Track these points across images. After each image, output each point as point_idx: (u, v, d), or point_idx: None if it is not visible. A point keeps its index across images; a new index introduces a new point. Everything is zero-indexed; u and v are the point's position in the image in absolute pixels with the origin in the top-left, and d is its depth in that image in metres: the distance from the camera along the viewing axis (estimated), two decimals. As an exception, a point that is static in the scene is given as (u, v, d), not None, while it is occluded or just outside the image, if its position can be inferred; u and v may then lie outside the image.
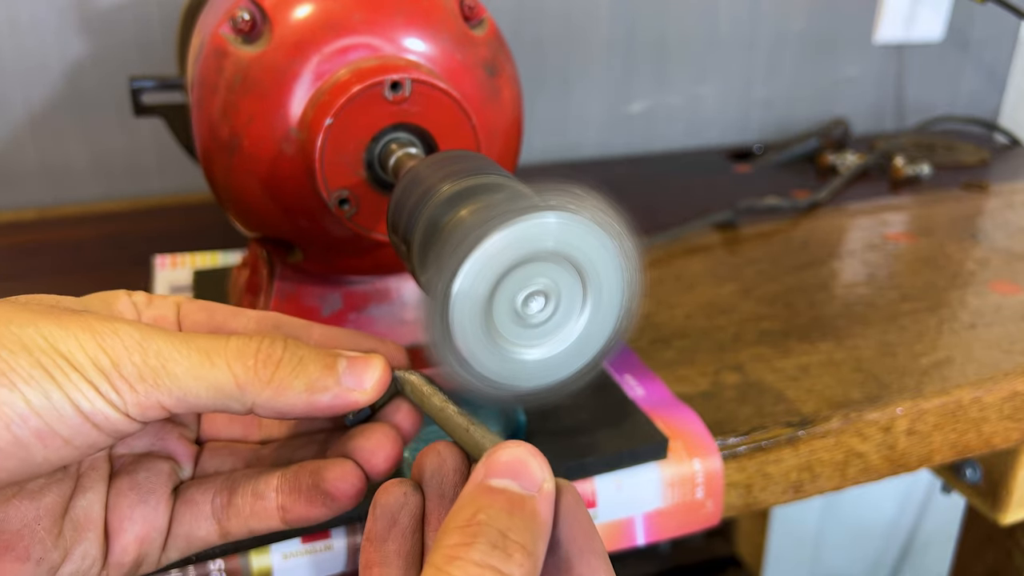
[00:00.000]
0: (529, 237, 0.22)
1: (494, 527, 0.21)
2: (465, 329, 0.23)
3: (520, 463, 0.22)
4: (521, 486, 0.22)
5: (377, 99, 0.32)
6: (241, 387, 0.24)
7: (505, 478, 0.22)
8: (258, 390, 0.24)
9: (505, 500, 0.22)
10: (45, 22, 0.70)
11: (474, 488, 0.22)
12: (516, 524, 0.21)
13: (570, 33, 0.87)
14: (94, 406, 0.22)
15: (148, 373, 0.23)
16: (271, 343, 0.25)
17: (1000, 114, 1.13)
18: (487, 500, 0.22)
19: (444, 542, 0.21)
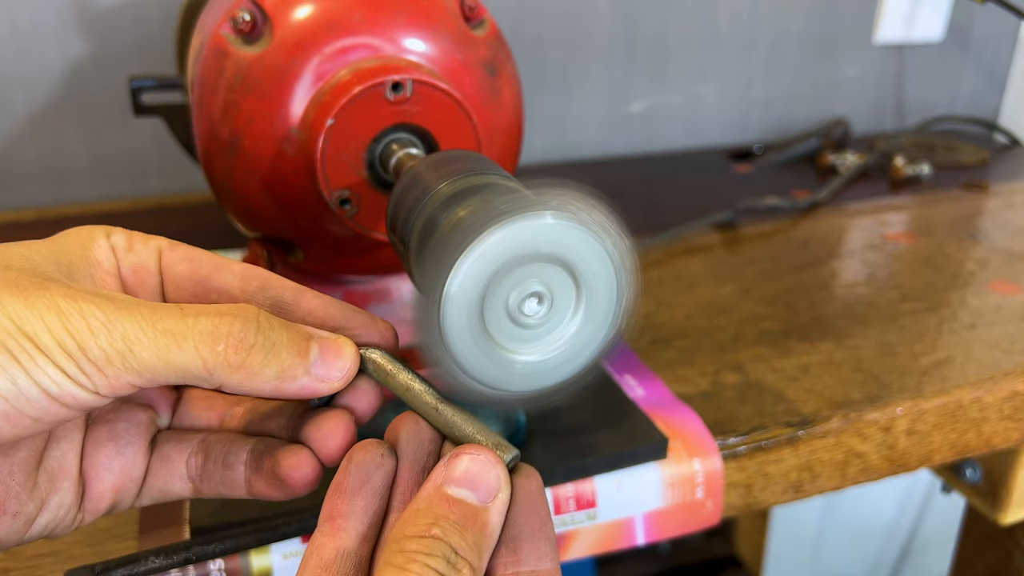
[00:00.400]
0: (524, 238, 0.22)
1: (448, 543, 0.22)
2: (459, 330, 0.23)
3: (479, 474, 0.24)
4: (477, 497, 0.23)
5: (378, 99, 0.32)
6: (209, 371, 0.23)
7: (462, 488, 0.23)
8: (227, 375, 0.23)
9: (459, 514, 0.23)
10: (45, 23, 0.70)
11: (433, 493, 0.23)
12: (466, 541, 0.22)
13: (570, 33, 0.87)
14: (62, 388, 0.22)
15: (115, 356, 0.22)
16: (244, 325, 0.24)
17: (1000, 114, 1.13)
18: (444, 510, 0.23)
19: (405, 547, 0.22)
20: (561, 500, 0.39)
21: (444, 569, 0.21)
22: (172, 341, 0.23)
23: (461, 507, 0.23)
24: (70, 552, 0.35)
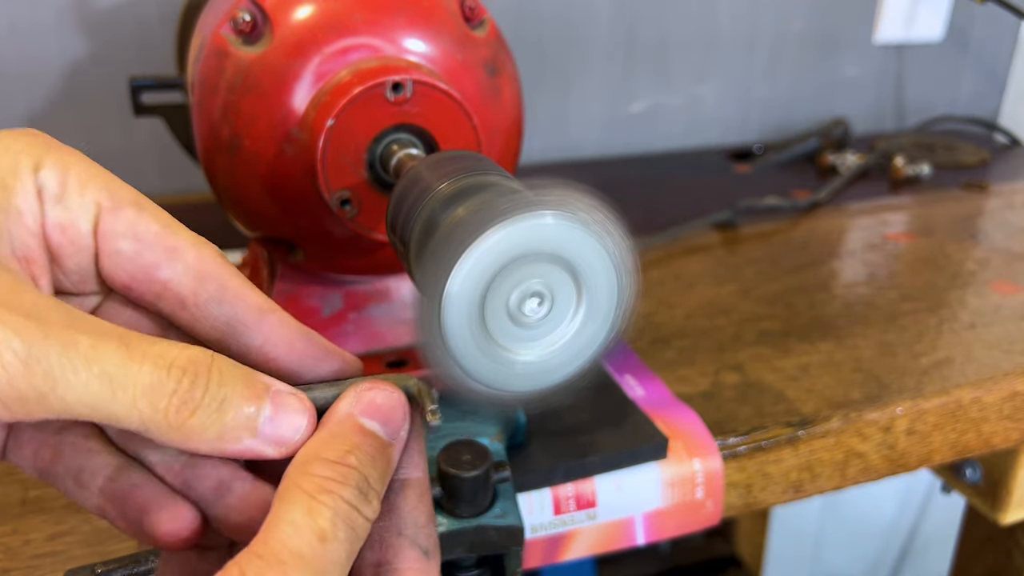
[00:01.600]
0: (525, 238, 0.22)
1: (361, 473, 0.21)
2: (459, 330, 0.23)
3: (390, 409, 0.23)
4: (385, 432, 0.23)
5: (378, 100, 0.32)
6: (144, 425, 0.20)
7: (375, 420, 0.23)
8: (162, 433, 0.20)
9: (372, 445, 0.22)
10: (45, 22, 0.70)
11: (346, 420, 0.22)
12: (376, 472, 0.22)
13: (570, 33, 0.87)
14: None
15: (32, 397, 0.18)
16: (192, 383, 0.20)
17: (1000, 114, 1.13)
18: (358, 440, 0.22)
19: (315, 471, 0.21)
20: (561, 500, 0.39)
21: (356, 500, 0.21)
22: (108, 389, 0.19)
23: (373, 439, 0.22)
24: (70, 552, 0.35)
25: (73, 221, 0.22)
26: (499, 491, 0.34)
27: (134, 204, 0.23)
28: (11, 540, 0.36)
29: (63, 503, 0.38)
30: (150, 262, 0.23)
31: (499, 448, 0.36)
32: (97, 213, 0.22)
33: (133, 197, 0.23)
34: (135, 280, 0.23)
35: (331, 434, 0.22)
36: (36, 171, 0.22)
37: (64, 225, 0.22)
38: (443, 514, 0.33)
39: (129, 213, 0.23)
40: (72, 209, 0.22)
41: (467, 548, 0.33)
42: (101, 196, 0.22)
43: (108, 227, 0.22)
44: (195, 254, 0.23)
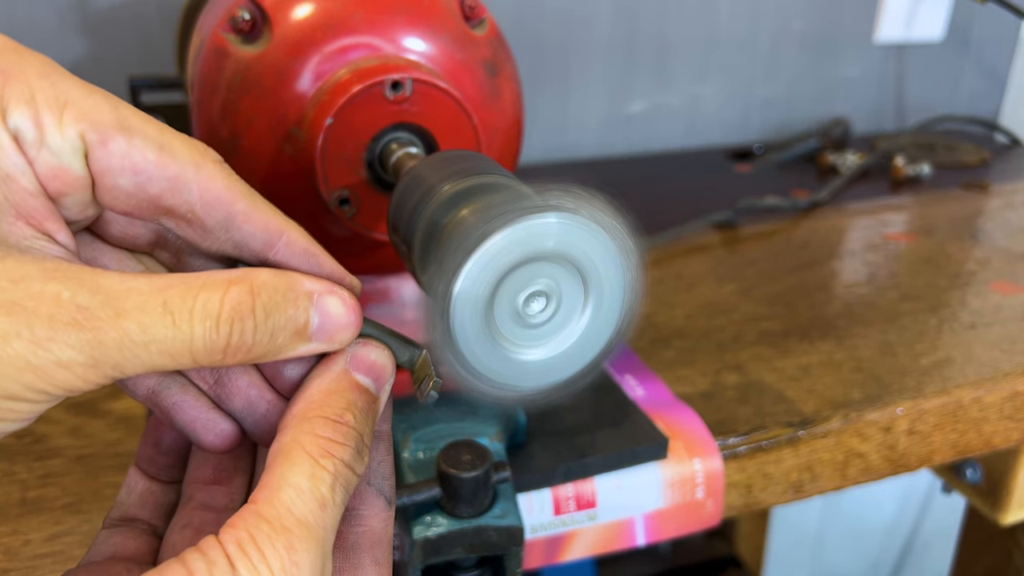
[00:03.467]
0: (530, 238, 0.22)
1: (358, 431, 0.22)
2: (466, 329, 0.23)
3: (381, 366, 0.24)
4: (375, 387, 0.24)
5: (378, 99, 0.32)
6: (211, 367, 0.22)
7: (368, 376, 0.24)
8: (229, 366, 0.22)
9: (365, 401, 0.23)
10: (45, 22, 0.70)
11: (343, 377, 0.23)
12: (368, 427, 0.23)
13: (570, 33, 0.87)
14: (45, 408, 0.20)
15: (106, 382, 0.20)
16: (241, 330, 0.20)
17: (1000, 114, 1.13)
18: (354, 396, 0.23)
19: (317, 430, 0.22)
20: (561, 500, 0.39)
21: (352, 460, 0.22)
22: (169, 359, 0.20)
23: (365, 395, 0.24)
24: (70, 552, 0.35)
25: (63, 166, 0.20)
26: (499, 491, 0.34)
27: (121, 128, 0.21)
28: (11, 540, 0.35)
29: (63, 503, 0.38)
30: (153, 194, 0.21)
31: (499, 448, 0.36)
32: (85, 148, 0.21)
33: (116, 117, 0.21)
34: (139, 208, 0.22)
35: (329, 389, 0.23)
36: (4, 118, 0.20)
37: (55, 172, 0.20)
38: (443, 514, 0.33)
39: (120, 142, 0.21)
40: (57, 152, 0.20)
41: (467, 548, 0.33)
42: (83, 127, 0.20)
43: (102, 163, 0.21)
44: (199, 182, 0.22)
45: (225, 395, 0.25)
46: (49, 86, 0.21)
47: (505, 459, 0.35)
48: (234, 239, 0.23)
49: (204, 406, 0.25)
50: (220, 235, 0.23)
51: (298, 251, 0.24)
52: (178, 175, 0.22)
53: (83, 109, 0.21)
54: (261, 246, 0.23)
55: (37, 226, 0.21)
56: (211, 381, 0.25)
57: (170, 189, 0.22)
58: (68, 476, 0.39)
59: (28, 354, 0.18)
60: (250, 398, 0.25)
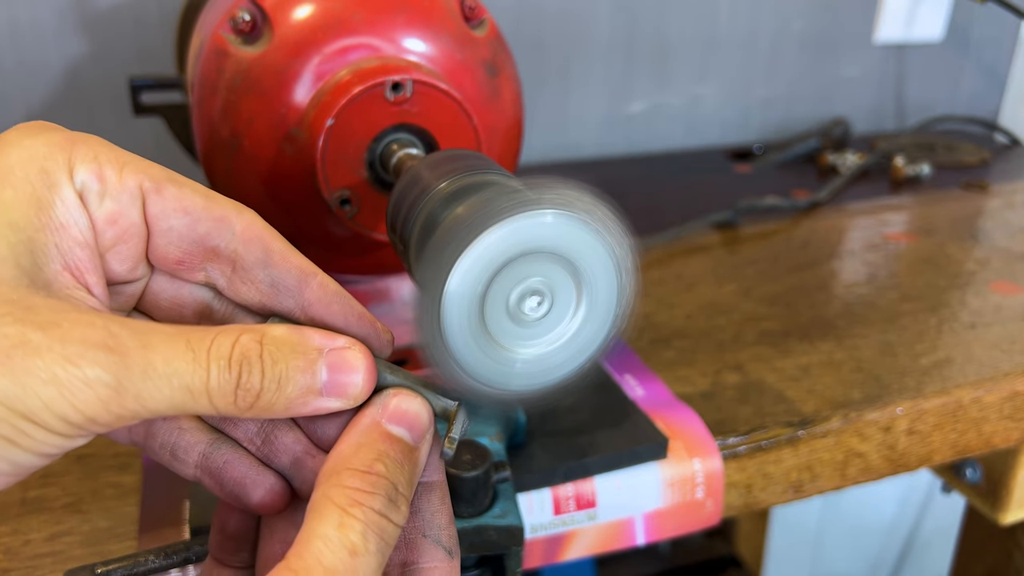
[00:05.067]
0: (524, 235, 0.22)
1: (390, 480, 0.22)
2: (458, 328, 0.23)
3: (416, 414, 0.24)
4: (411, 436, 0.24)
5: (378, 100, 0.32)
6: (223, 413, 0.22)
7: (401, 427, 0.24)
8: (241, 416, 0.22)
9: (399, 451, 0.23)
10: (45, 22, 0.70)
11: (372, 428, 0.23)
12: (404, 477, 0.23)
13: (570, 33, 0.87)
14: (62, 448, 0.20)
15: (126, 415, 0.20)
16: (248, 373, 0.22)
17: (1000, 114, 1.13)
18: (385, 447, 0.23)
19: (345, 482, 0.22)
20: (561, 500, 0.39)
21: (386, 508, 0.22)
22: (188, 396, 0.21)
23: (400, 445, 0.23)
24: (70, 552, 0.35)
25: (122, 211, 0.23)
26: (499, 491, 0.34)
27: (171, 181, 0.24)
28: (11, 540, 0.36)
29: (63, 503, 0.38)
30: (202, 233, 0.24)
31: (499, 448, 0.36)
32: (142, 197, 0.23)
33: (166, 174, 0.24)
34: (187, 254, 0.24)
35: (358, 443, 0.23)
36: (72, 175, 0.22)
37: (114, 217, 0.23)
38: (443, 514, 0.33)
39: (171, 190, 0.24)
40: (118, 200, 0.23)
41: (467, 548, 0.33)
42: (140, 179, 0.23)
43: (156, 208, 0.23)
44: (241, 221, 0.24)
45: (272, 453, 0.26)
46: (109, 150, 0.23)
47: (505, 459, 0.35)
48: (271, 276, 0.25)
49: (252, 464, 0.26)
50: (258, 273, 0.25)
51: (330, 292, 0.25)
52: (223, 215, 0.24)
53: (140, 167, 0.23)
54: (296, 283, 0.25)
55: (79, 277, 0.22)
56: (258, 442, 0.26)
57: (216, 228, 0.24)
58: (68, 476, 0.39)
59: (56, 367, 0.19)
60: (296, 455, 0.26)
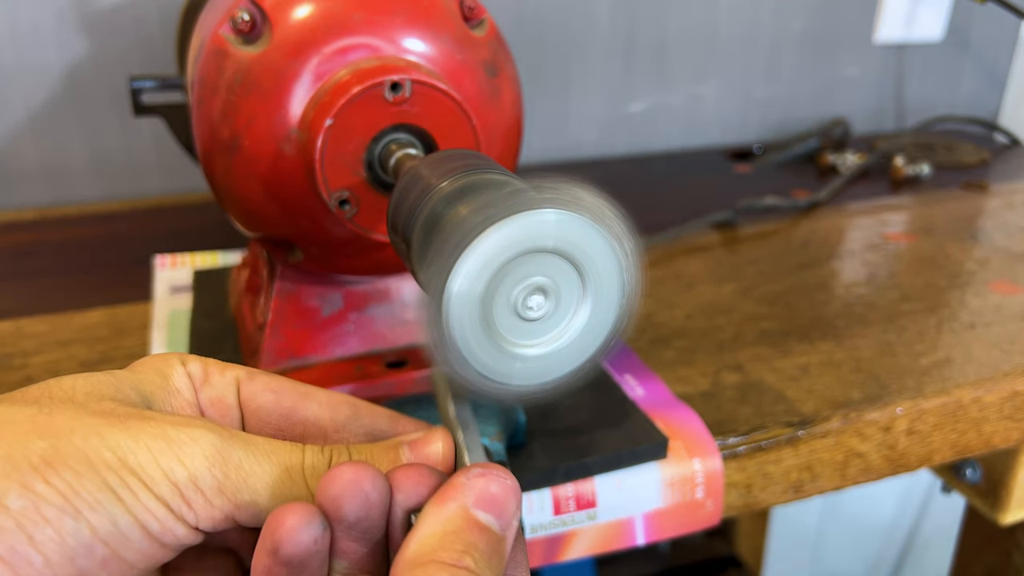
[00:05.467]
0: (528, 234, 0.22)
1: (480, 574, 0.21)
2: (463, 327, 0.23)
3: (505, 500, 0.22)
4: (499, 525, 0.22)
5: (377, 100, 0.32)
6: None
7: (489, 513, 0.22)
8: None
9: (487, 542, 0.21)
10: (45, 22, 0.70)
11: (460, 515, 0.22)
12: (494, 570, 0.21)
13: (570, 33, 0.87)
14: (163, 526, 0.20)
15: (228, 487, 0.21)
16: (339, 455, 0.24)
17: (1000, 114, 1.13)
18: (474, 538, 0.21)
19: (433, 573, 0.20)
20: (561, 500, 0.39)
21: None
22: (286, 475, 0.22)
23: (488, 535, 0.21)
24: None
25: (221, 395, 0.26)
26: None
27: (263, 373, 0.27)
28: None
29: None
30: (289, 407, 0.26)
31: (499, 448, 0.36)
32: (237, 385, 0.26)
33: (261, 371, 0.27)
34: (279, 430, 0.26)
35: (444, 531, 0.21)
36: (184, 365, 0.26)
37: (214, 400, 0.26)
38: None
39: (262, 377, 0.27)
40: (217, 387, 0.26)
41: (467, 548, 0.33)
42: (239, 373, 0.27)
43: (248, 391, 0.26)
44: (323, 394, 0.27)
45: None
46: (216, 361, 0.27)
47: (505, 459, 0.35)
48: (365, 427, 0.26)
49: None
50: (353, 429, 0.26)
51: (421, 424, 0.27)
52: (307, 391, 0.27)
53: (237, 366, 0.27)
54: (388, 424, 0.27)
55: None
56: None
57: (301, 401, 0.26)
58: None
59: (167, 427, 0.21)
60: None
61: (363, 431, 0.26)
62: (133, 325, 0.53)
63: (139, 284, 0.58)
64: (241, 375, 0.26)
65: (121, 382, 0.24)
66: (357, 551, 0.23)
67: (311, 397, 0.26)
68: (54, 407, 0.21)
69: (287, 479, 0.22)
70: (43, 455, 0.19)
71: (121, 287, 0.58)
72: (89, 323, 0.53)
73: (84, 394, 0.22)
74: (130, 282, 0.58)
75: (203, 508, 0.21)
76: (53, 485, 0.19)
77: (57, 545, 0.19)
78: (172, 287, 0.57)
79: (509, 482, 0.23)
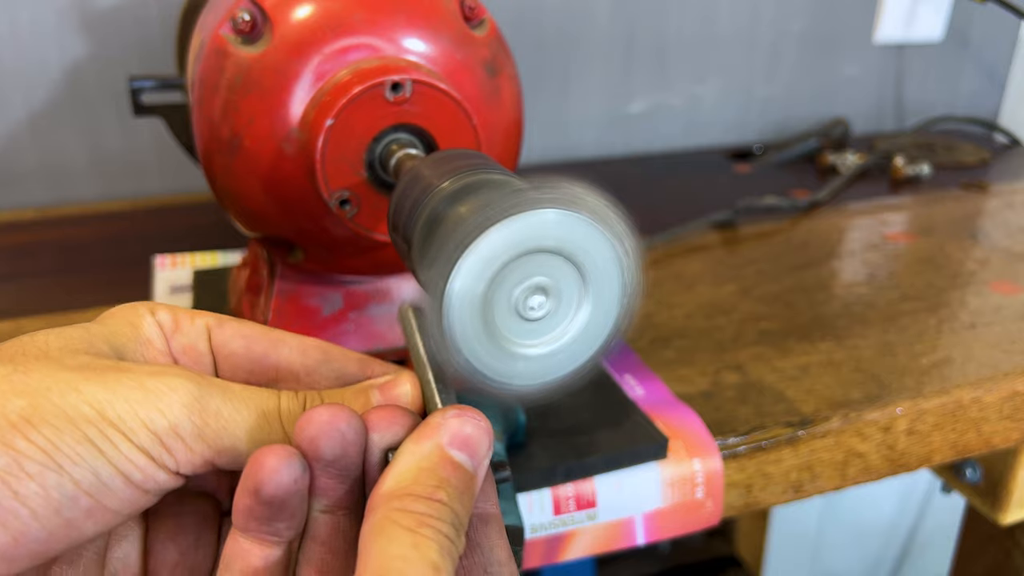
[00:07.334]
0: (528, 233, 0.22)
1: (453, 508, 0.22)
2: (464, 326, 0.23)
3: (477, 440, 0.23)
4: (471, 464, 0.23)
5: (378, 100, 0.32)
6: None
7: (463, 452, 0.23)
8: None
9: (460, 478, 0.22)
10: (45, 22, 0.70)
11: (435, 452, 0.22)
12: (464, 506, 0.22)
13: (570, 33, 0.87)
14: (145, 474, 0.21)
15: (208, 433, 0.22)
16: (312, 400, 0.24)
17: (1000, 114, 1.13)
18: (447, 474, 0.22)
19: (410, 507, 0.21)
20: (561, 500, 0.39)
21: (453, 535, 0.21)
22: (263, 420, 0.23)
23: (460, 472, 0.22)
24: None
25: (192, 343, 0.26)
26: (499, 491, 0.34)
27: (232, 319, 0.27)
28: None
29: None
30: (260, 352, 0.27)
31: (499, 448, 0.36)
32: (208, 331, 0.27)
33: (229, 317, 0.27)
34: (251, 374, 0.27)
35: (420, 468, 0.22)
36: (153, 313, 0.26)
37: (186, 347, 0.26)
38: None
39: (231, 323, 0.27)
40: (188, 334, 0.26)
41: (467, 548, 0.33)
42: (208, 320, 0.27)
43: (219, 338, 0.27)
44: (293, 338, 0.27)
45: None
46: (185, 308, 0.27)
47: (505, 459, 0.35)
48: (336, 371, 0.27)
49: None
50: (324, 372, 0.27)
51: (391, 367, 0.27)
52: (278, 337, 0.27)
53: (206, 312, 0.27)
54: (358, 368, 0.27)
55: None
56: None
57: (272, 346, 0.27)
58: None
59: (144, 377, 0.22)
60: None
61: (334, 375, 0.27)
62: (133, 325, 0.53)
63: (139, 284, 0.58)
64: (211, 322, 0.27)
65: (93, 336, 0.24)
66: (336, 489, 0.23)
67: (282, 342, 0.27)
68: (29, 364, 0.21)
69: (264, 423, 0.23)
70: (22, 413, 0.20)
71: (121, 287, 0.58)
72: (89, 323, 0.53)
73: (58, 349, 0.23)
74: (130, 282, 0.58)
75: (184, 454, 0.21)
76: (33, 442, 0.20)
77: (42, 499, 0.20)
78: (172, 287, 0.57)
79: (483, 423, 0.24)
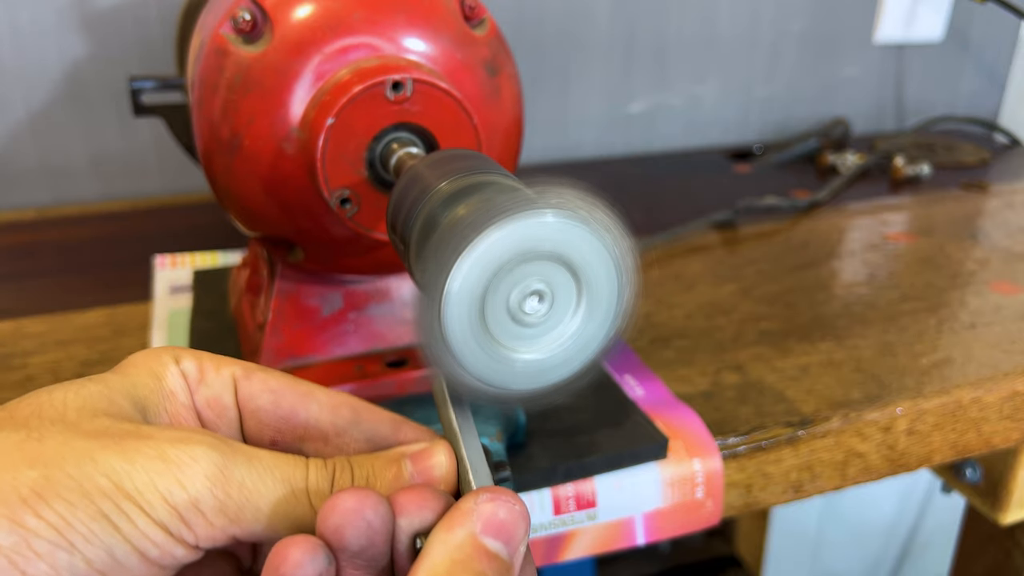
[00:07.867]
0: (525, 236, 0.22)
1: None
2: (459, 328, 0.23)
3: (513, 526, 0.22)
4: (507, 551, 0.22)
5: (378, 99, 0.32)
6: None
7: (498, 540, 0.22)
8: None
9: (496, 569, 0.21)
10: (45, 22, 0.70)
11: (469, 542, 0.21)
12: None
13: (570, 33, 0.87)
14: (162, 550, 0.20)
15: (230, 507, 0.21)
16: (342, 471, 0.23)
17: (1000, 114, 1.13)
18: (482, 566, 0.21)
19: None
20: (561, 500, 0.39)
21: None
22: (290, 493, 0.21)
23: (497, 563, 0.21)
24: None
25: (218, 396, 0.25)
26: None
27: (260, 369, 0.26)
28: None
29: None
30: (288, 408, 0.25)
31: (499, 448, 0.36)
32: (234, 384, 0.25)
33: (257, 366, 0.26)
34: (279, 432, 0.26)
35: (453, 559, 0.21)
36: (177, 363, 0.25)
37: (210, 400, 0.25)
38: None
39: (259, 375, 0.26)
40: (213, 386, 0.25)
41: (467, 548, 0.33)
42: (234, 370, 0.26)
43: (246, 391, 0.25)
44: (323, 393, 0.26)
45: None
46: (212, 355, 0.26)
47: (505, 459, 0.35)
48: (366, 432, 0.26)
49: None
50: (354, 434, 0.26)
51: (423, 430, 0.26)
52: (306, 391, 0.26)
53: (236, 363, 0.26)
54: (390, 430, 0.26)
55: None
56: None
57: (301, 401, 0.26)
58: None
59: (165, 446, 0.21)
60: None
61: (364, 436, 0.26)
62: (133, 325, 0.53)
63: (139, 284, 0.58)
64: (238, 372, 0.26)
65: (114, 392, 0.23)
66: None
67: (311, 397, 0.26)
68: (44, 430, 0.20)
69: (290, 496, 0.22)
70: (33, 486, 0.19)
71: (121, 287, 0.58)
72: (89, 323, 0.53)
73: (76, 410, 0.21)
74: (130, 282, 0.58)
75: (204, 529, 0.20)
76: (45, 518, 0.19)
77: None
78: (172, 287, 0.57)
79: (517, 507, 0.22)
